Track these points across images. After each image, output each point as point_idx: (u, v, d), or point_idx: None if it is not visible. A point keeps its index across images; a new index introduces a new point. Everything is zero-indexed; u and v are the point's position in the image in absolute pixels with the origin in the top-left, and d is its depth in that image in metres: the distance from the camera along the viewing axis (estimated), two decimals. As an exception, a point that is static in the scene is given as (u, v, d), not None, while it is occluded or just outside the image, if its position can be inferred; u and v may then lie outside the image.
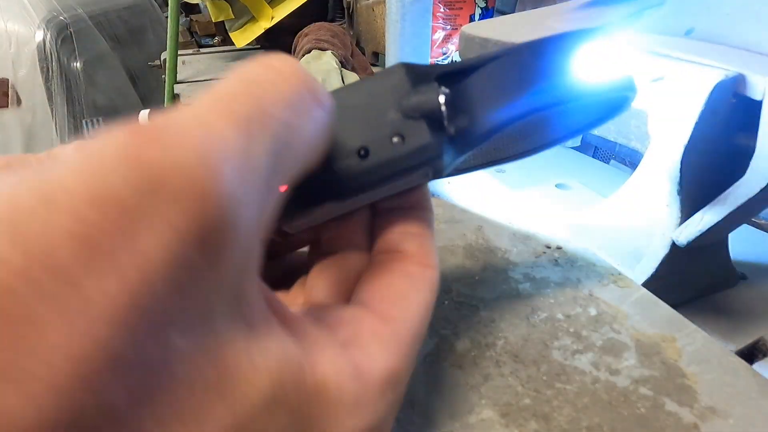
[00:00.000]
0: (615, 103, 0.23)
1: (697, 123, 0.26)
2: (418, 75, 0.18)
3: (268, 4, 0.82)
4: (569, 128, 0.25)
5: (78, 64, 1.42)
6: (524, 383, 0.21)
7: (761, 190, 0.25)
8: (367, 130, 0.17)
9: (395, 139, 0.17)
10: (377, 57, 0.84)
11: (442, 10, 0.50)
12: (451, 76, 0.19)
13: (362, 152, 0.17)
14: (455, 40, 0.50)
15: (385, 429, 0.14)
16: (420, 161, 0.17)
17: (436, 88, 0.18)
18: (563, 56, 0.19)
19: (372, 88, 0.18)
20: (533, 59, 0.19)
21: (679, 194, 0.29)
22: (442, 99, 0.18)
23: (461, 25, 0.45)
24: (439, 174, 0.19)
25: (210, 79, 0.83)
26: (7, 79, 1.37)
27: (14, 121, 1.41)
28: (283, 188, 0.16)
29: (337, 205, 0.17)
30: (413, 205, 0.18)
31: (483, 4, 0.49)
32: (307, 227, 0.18)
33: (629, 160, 0.53)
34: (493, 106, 0.18)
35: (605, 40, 0.21)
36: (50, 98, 1.39)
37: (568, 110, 0.23)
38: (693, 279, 0.33)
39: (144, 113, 0.40)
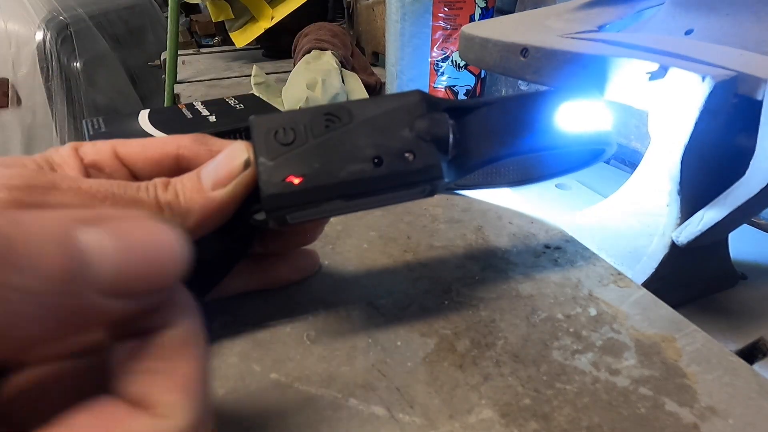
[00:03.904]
0: (595, 153, 0.27)
1: (696, 123, 0.26)
2: (431, 103, 0.21)
3: (268, 4, 0.82)
4: (554, 169, 0.29)
5: (78, 64, 1.42)
6: (524, 383, 0.21)
7: (761, 190, 0.25)
8: (382, 141, 0.20)
9: (407, 155, 0.20)
10: (377, 57, 0.84)
11: (442, 10, 0.50)
12: (455, 110, 0.22)
13: (376, 160, 0.19)
14: (455, 39, 0.50)
15: None
16: (425, 178, 0.20)
17: (447, 119, 0.21)
18: (548, 110, 0.22)
19: (390, 105, 0.21)
20: (521, 110, 0.23)
21: (679, 194, 0.29)
22: (451, 129, 0.21)
23: (461, 25, 0.45)
24: (432, 192, 0.21)
25: (210, 79, 0.83)
26: (7, 79, 1.37)
27: (14, 121, 1.41)
28: (297, 180, 0.19)
29: (343, 203, 0.20)
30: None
31: (483, 4, 0.49)
32: (306, 221, 0.20)
33: (629, 160, 0.53)
34: (485, 143, 0.22)
35: (589, 97, 0.24)
36: (50, 98, 1.39)
37: (553, 155, 0.28)
38: (693, 279, 0.33)
39: (144, 113, 0.40)
